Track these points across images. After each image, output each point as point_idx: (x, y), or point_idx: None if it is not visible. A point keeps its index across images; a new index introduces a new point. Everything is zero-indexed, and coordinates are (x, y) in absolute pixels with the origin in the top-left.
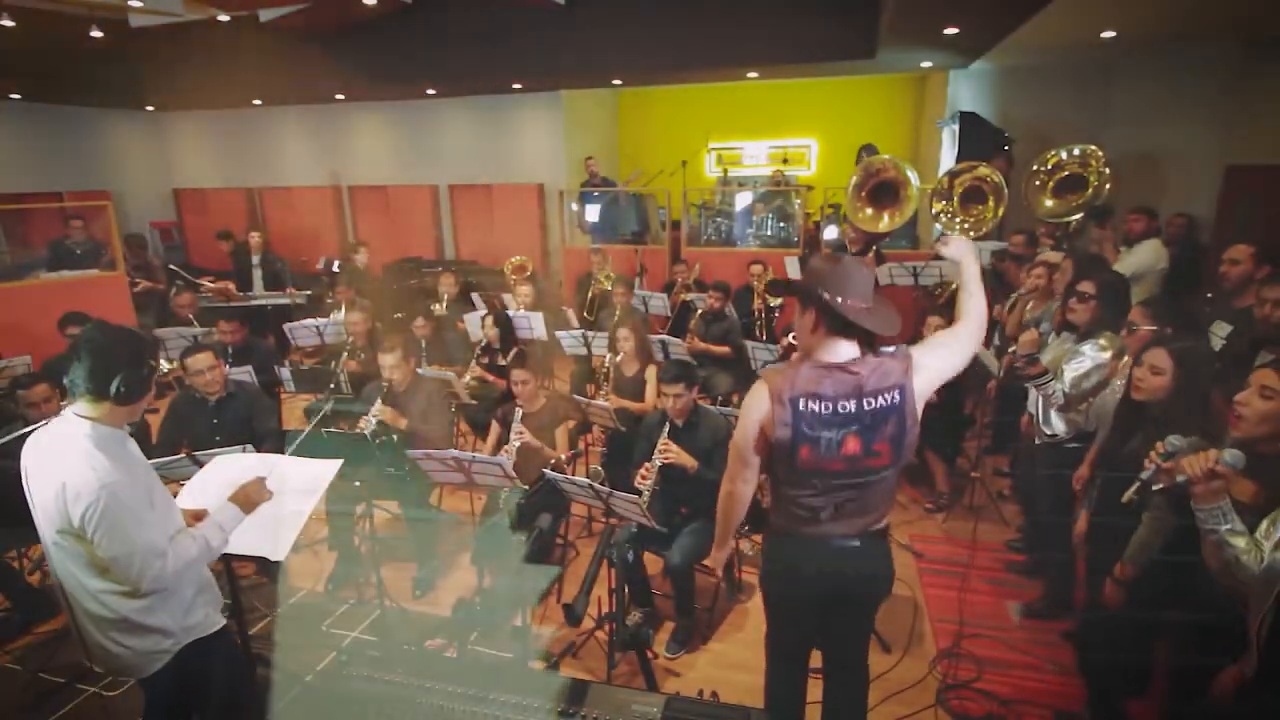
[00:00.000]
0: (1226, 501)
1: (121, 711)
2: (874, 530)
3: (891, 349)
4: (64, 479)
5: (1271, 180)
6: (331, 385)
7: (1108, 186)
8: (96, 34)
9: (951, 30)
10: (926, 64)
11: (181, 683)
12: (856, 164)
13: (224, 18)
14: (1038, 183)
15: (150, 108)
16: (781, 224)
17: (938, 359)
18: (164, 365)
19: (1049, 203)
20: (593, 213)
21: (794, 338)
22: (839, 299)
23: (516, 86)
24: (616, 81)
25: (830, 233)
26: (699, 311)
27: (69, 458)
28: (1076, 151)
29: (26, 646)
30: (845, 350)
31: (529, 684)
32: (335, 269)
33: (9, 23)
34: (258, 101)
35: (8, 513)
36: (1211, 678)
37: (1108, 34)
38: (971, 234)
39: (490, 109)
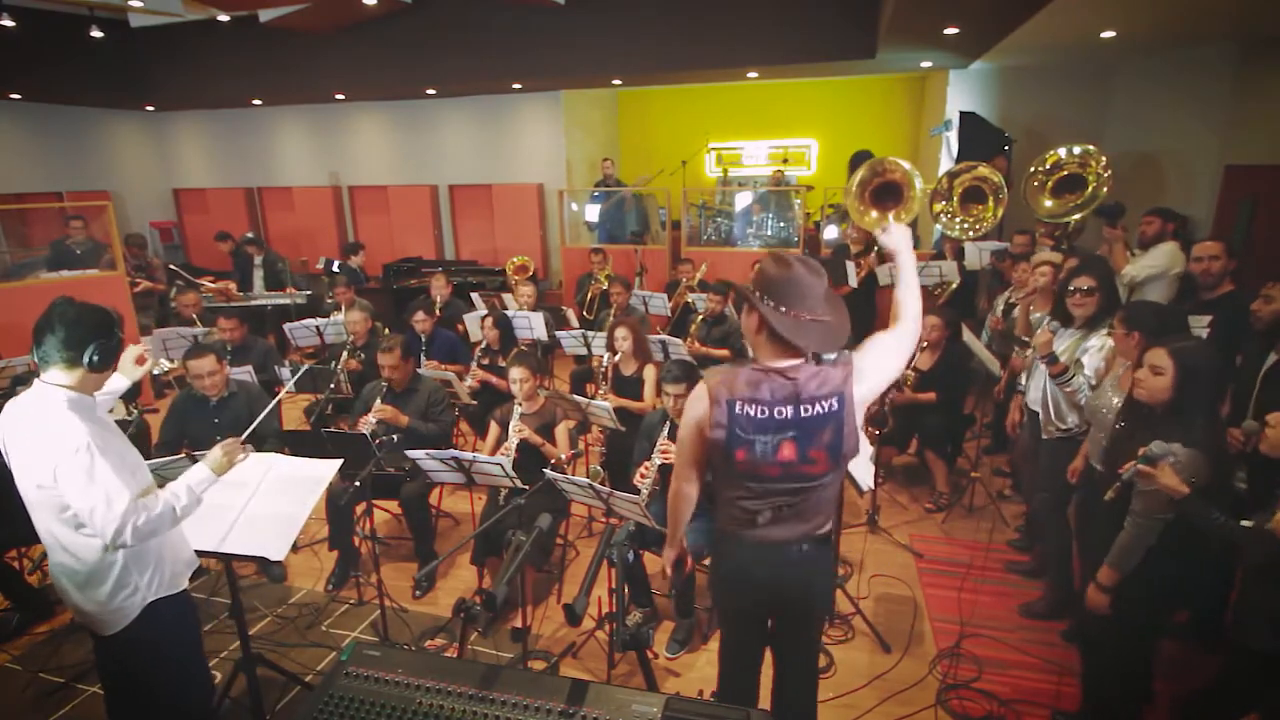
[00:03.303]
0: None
1: None
2: (815, 536)
3: (833, 356)
4: (43, 436)
5: (1271, 180)
6: (331, 385)
7: (1106, 187)
8: (96, 34)
9: (951, 30)
10: (926, 64)
11: (140, 644)
12: (850, 172)
13: (224, 18)
14: (1036, 183)
15: (150, 108)
16: (782, 224)
17: (878, 365)
18: (165, 364)
19: (1048, 203)
20: (593, 213)
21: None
22: (780, 308)
23: (516, 86)
24: (616, 81)
25: (830, 233)
26: (700, 316)
27: (47, 419)
28: (1076, 151)
29: (27, 646)
30: (786, 355)
31: (529, 684)
32: (335, 269)
33: (9, 23)
34: (257, 101)
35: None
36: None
37: (1108, 34)
38: (971, 234)
39: (490, 109)
